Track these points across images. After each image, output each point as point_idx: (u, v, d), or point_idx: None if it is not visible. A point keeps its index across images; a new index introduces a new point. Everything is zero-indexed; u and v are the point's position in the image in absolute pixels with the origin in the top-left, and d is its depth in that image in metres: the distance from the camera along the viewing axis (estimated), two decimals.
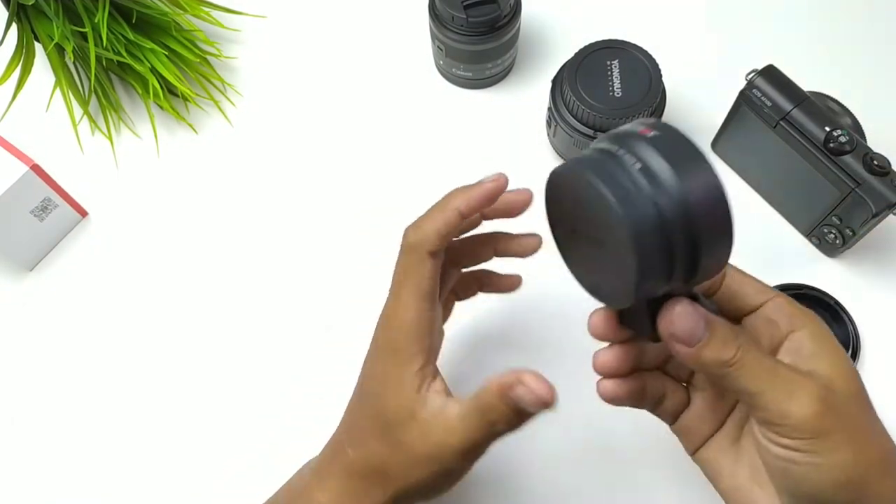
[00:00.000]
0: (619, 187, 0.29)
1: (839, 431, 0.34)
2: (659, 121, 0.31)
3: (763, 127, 0.54)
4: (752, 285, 0.39)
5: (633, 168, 0.29)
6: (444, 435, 0.38)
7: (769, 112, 0.53)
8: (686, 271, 0.31)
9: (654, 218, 0.29)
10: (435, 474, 0.39)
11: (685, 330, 0.33)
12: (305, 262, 0.59)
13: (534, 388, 0.36)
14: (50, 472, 0.53)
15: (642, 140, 0.30)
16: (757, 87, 0.53)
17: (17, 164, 0.53)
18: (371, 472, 0.40)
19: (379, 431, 0.40)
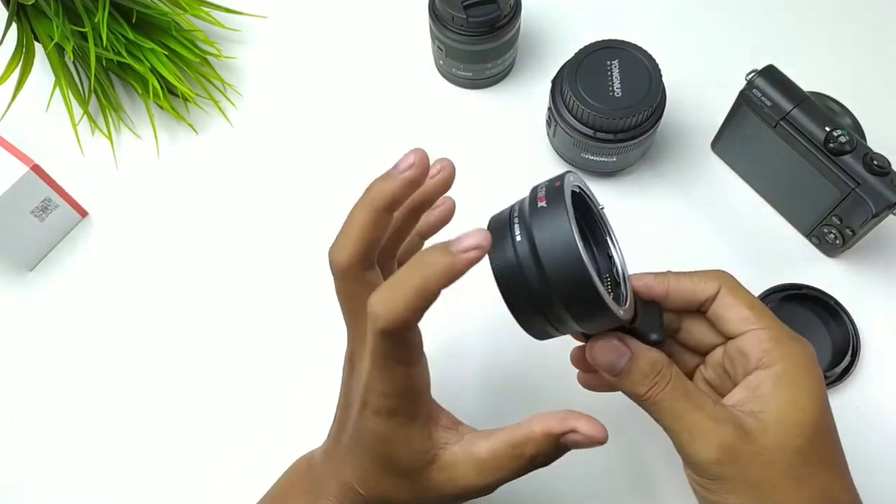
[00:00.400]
0: (502, 259, 0.36)
1: (741, 481, 0.36)
2: (555, 189, 0.37)
3: (763, 127, 0.53)
4: (738, 312, 0.39)
5: (515, 240, 0.36)
6: (475, 476, 0.37)
7: (769, 112, 0.53)
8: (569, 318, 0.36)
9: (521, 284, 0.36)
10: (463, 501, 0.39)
11: (603, 362, 0.38)
12: (305, 261, 0.59)
13: (588, 433, 0.36)
14: (50, 472, 0.53)
15: (534, 211, 0.36)
16: (757, 87, 0.53)
17: (17, 165, 0.53)
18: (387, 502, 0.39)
19: (395, 478, 0.38)
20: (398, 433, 0.37)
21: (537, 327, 0.37)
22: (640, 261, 0.58)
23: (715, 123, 0.59)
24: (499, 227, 0.37)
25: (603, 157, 0.57)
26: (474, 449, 0.37)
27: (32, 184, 0.54)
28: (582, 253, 0.34)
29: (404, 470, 0.38)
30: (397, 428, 0.37)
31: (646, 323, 0.39)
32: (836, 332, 0.54)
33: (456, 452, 0.37)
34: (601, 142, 0.55)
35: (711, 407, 0.37)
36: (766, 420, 0.36)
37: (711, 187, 0.60)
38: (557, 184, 0.37)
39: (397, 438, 0.37)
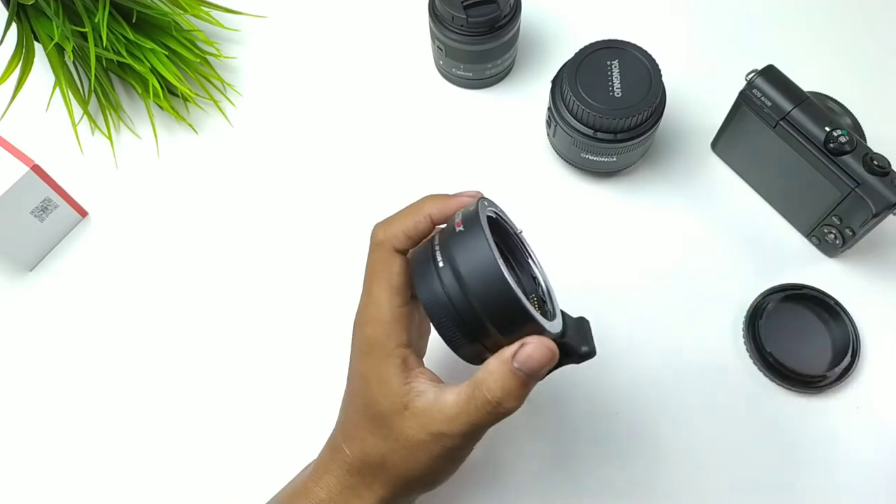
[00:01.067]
0: (427, 288, 0.38)
1: None
2: (471, 214, 0.38)
3: (763, 127, 0.54)
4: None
5: (438, 266, 0.38)
6: (444, 423, 0.38)
7: (769, 112, 0.53)
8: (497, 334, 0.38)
9: (444, 304, 0.37)
10: (436, 459, 0.39)
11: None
12: (305, 261, 0.59)
13: (536, 343, 0.37)
14: (50, 472, 0.53)
15: (452, 237, 0.38)
16: (757, 87, 0.53)
17: (17, 165, 0.53)
18: (369, 467, 0.40)
19: (373, 426, 0.40)
20: (375, 370, 0.39)
21: (469, 351, 0.39)
22: (640, 260, 0.58)
23: (715, 123, 0.59)
24: (421, 258, 0.39)
25: (603, 157, 0.57)
26: (444, 395, 0.38)
27: (32, 184, 0.54)
28: (502, 268, 0.36)
29: (381, 414, 0.39)
30: (375, 365, 0.39)
31: (575, 336, 0.41)
32: (836, 332, 0.54)
33: (428, 399, 0.39)
34: (601, 142, 0.55)
35: None
36: None
37: (711, 187, 0.60)
38: (472, 209, 0.39)
39: (374, 376, 0.40)
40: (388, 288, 0.40)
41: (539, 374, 0.37)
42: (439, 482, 0.41)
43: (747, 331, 0.54)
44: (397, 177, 0.61)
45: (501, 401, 0.37)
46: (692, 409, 0.53)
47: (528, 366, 0.37)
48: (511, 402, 0.37)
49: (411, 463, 0.39)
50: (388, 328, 0.40)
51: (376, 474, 0.40)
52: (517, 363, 0.37)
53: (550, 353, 0.37)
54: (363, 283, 0.42)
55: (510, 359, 0.37)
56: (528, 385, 0.37)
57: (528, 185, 0.61)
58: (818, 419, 0.53)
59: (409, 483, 0.40)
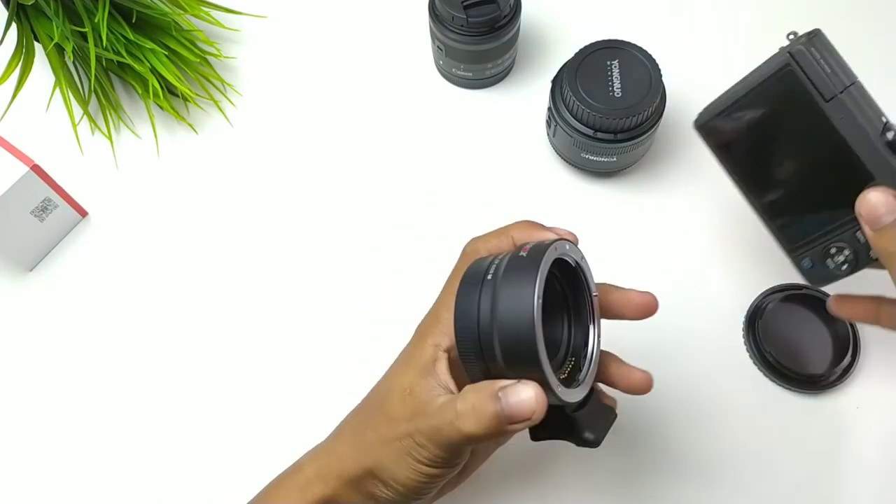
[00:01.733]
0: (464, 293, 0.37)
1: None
2: (540, 247, 0.37)
3: (808, 100, 0.42)
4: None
5: (485, 279, 0.37)
6: (423, 417, 0.38)
7: (828, 80, 0.42)
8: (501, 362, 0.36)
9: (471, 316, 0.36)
10: (391, 447, 0.39)
11: (870, 211, 0.39)
12: (305, 261, 0.59)
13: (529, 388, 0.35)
14: (51, 472, 0.53)
15: (511, 258, 0.37)
16: (815, 47, 0.42)
17: (17, 165, 0.53)
18: (354, 439, 0.42)
19: (377, 402, 0.41)
20: (408, 354, 0.41)
21: (474, 370, 0.37)
22: (640, 260, 0.58)
23: None
24: (476, 267, 0.38)
25: (603, 157, 0.57)
26: (440, 398, 0.38)
27: (32, 184, 0.54)
28: (535, 304, 0.34)
29: (390, 389, 0.40)
30: (411, 349, 0.41)
31: (589, 419, 0.39)
32: (836, 332, 0.54)
33: (430, 394, 0.39)
34: (601, 142, 0.55)
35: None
36: None
37: (711, 187, 0.60)
38: (546, 243, 0.37)
39: (403, 359, 0.41)
40: (452, 295, 0.40)
41: (513, 418, 0.35)
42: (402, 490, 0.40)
43: (747, 331, 0.54)
44: (397, 177, 0.61)
45: (465, 416, 0.36)
46: (692, 409, 0.53)
47: (508, 400, 0.35)
48: (471, 425, 0.36)
49: (385, 446, 0.39)
50: (436, 325, 0.40)
51: (355, 447, 0.41)
52: (502, 392, 0.35)
53: (535, 405, 0.35)
54: (443, 290, 0.43)
55: (499, 386, 0.36)
56: (500, 423, 0.35)
57: (528, 185, 0.61)
58: (818, 419, 0.53)
59: (374, 469, 0.40)
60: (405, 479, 0.39)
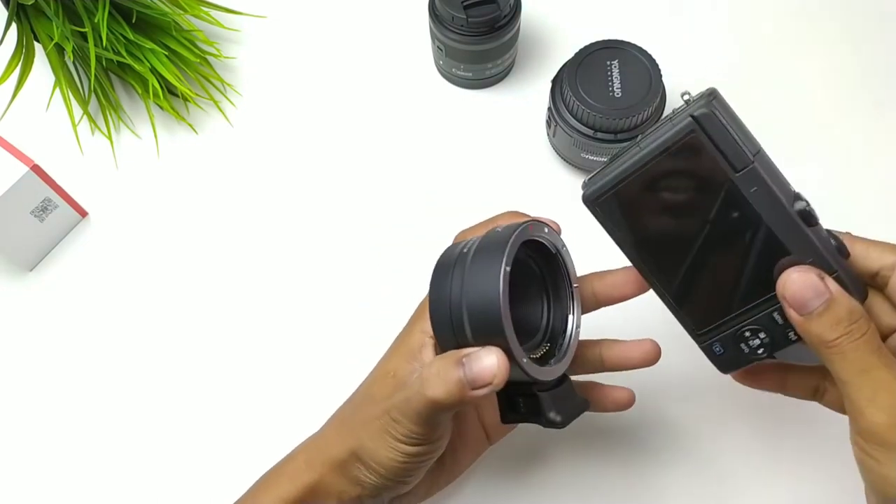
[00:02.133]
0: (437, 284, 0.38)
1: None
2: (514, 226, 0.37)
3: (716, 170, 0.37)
4: (876, 248, 0.37)
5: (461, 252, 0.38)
6: (399, 393, 0.39)
7: (739, 148, 0.36)
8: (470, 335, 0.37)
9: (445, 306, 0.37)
10: (371, 424, 0.39)
11: (794, 296, 0.35)
12: (305, 260, 0.59)
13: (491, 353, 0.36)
14: (50, 472, 0.53)
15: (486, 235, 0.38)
16: (718, 111, 0.36)
17: (17, 165, 0.53)
18: (342, 423, 0.43)
19: (366, 386, 0.43)
20: (399, 340, 0.43)
21: (446, 343, 0.38)
22: None
23: None
24: (453, 246, 0.40)
25: (603, 157, 0.57)
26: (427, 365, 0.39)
27: (32, 184, 0.54)
28: (501, 273, 0.35)
29: (373, 379, 0.42)
30: (402, 335, 0.43)
31: (557, 401, 0.38)
32: None
33: (409, 374, 0.40)
34: (601, 142, 0.55)
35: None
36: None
37: None
38: (521, 224, 0.38)
39: (395, 345, 0.43)
40: None
41: (475, 382, 0.36)
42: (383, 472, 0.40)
43: None
44: (397, 177, 0.61)
45: (429, 382, 0.37)
46: (692, 409, 0.53)
47: (471, 366, 0.36)
48: (434, 390, 0.36)
49: (366, 426, 0.40)
50: (425, 312, 0.41)
51: (341, 429, 0.42)
52: (465, 359, 0.36)
53: (496, 370, 0.35)
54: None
55: (463, 353, 0.36)
56: (463, 387, 0.36)
57: (528, 185, 0.61)
58: (818, 419, 0.53)
59: (357, 451, 0.40)
60: (384, 459, 0.40)
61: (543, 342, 0.41)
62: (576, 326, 0.42)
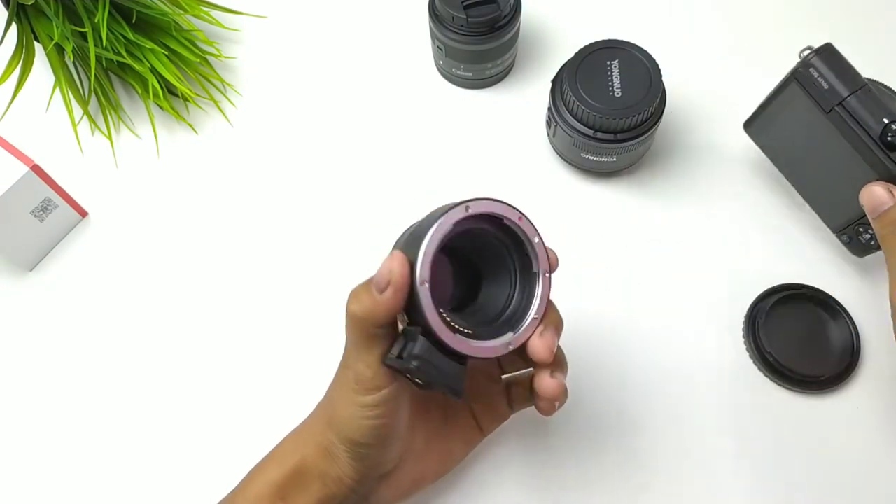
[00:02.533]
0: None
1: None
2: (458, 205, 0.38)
3: (814, 111, 0.50)
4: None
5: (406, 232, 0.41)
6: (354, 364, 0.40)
7: (826, 94, 0.48)
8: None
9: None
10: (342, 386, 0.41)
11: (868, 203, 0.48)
12: (305, 261, 0.59)
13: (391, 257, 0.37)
14: (50, 472, 0.53)
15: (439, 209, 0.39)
16: (814, 66, 0.48)
17: (17, 165, 0.53)
18: (327, 401, 0.44)
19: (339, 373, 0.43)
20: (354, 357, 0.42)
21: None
22: (640, 260, 0.58)
23: (714, 122, 0.60)
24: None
25: (603, 157, 0.57)
26: None
27: (32, 184, 0.54)
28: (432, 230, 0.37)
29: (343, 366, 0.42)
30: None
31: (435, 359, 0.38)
32: (836, 332, 0.54)
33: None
34: (601, 142, 0.55)
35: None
36: None
37: (712, 187, 0.60)
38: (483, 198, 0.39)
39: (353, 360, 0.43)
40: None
41: (378, 284, 0.37)
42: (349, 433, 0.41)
43: (747, 331, 0.54)
44: (397, 177, 0.61)
45: (348, 301, 0.39)
46: (692, 409, 0.53)
47: (376, 273, 0.38)
48: (352, 304, 0.39)
49: (332, 389, 0.43)
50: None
51: (326, 407, 0.44)
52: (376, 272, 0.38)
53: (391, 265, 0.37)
54: None
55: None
56: (369, 292, 0.38)
57: (528, 185, 0.61)
58: (818, 419, 0.53)
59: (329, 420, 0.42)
60: (346, 419, 0.41)
61: (502, 327, 0.41)
62: (532, 315, 0.40)
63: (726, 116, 0.59)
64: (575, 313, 0.47)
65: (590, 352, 0.55)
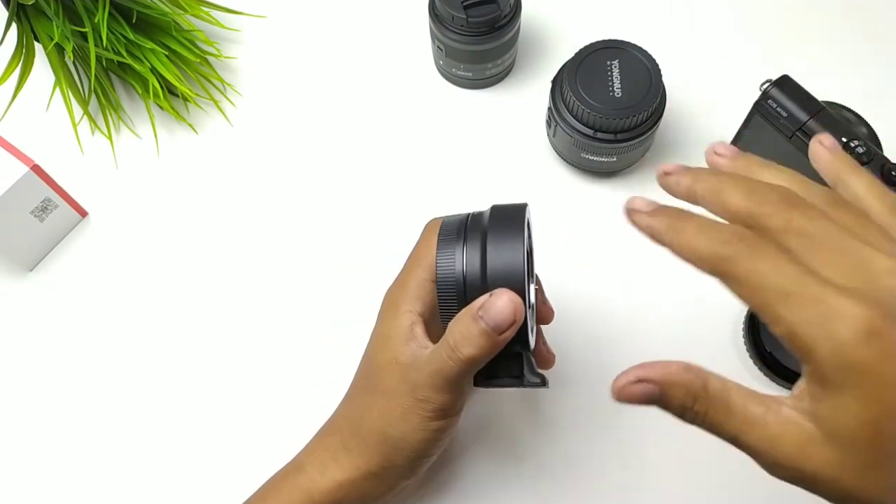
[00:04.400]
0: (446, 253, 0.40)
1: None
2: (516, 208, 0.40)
3: (778, 138, 0.53)
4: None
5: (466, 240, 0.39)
6: (417, 371, 0.39)
7: (785, 123, 0.52)
8: None
9: (457, 276, 0.39)
10: (408, 414, 0.40)
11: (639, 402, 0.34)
12: (306, 261, 0.59)
13: (502, 297, 0.37)
14: (51, 473, 0.53)
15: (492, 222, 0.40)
16: (772, 97, 0.52)
17: (17, 165, 0.53)
18: (349, 422, 0.42)
19: (365, 382, 0.42)
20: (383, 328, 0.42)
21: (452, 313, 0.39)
22: (640, 260, 0.58)
23: (714, 122, 0.59)
24: (451, 226, 0.41)
25: (603, 157, 0.57)
26: (425, 349, 0.40)
27: (32, 184, 0.54)
28: (524, 269, 0.38)
29: (375, 368, 0.41)
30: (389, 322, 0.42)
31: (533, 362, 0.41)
32: None
33: (415, 352, 0.40)
34: (601, 142, 0.55)
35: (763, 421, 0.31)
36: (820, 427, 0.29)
37: None
38: (520, 205, 0.40)
39: (379, 334, 0.42)
40: (419, 264, 0.43)
41: (499, 327, 0.37)
42: (413, 454, 0.41)
43: (747, 331, 0.54)
44: (397, 177, 0.61)
45: (459, 345, 0.38)
46: None
47: (489, 314, 0.37)
48: (468, 349, 0.37)
49: (385, 417, 0.40)
50: (406, 292, 0.42)
51: (354, 432, 0.42)
52: (481, 311, 0.37)
53: (513, 307, 0.37)
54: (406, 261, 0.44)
55: (476, 307, 0.38)
56: (490, 337, 0.37)
57: (528, 185, 0.61)
58: None
59: (381, 444, 0.41)
60: (415, 442, 0.40)
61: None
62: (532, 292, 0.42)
63: (726, 116, 0.59)
64: (574, 313, 0.47)
65: (589, 352, 0.55)
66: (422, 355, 0.40)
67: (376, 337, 0.43)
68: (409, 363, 0.40)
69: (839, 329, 0.27)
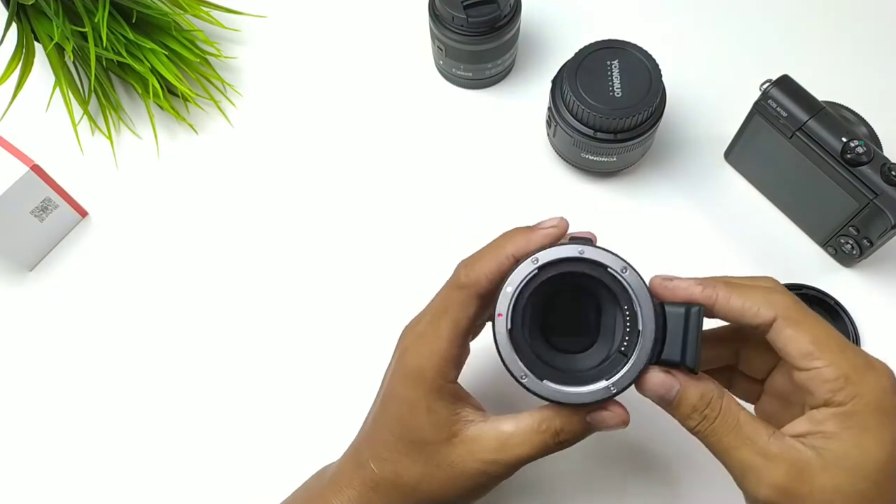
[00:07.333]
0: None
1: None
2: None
3: (778, 138, 0.53)
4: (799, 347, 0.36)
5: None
6: (496, 451, 0.39)
7: (785, 123, 0.52)
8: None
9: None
10: (477, 487, 0.40)
11: (654, 396, 0.37)
12: (305, 261, 0.59)
13: (615, 411, 0.38)
14: (51, 473, 0.53)
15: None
16: (772, 97, 0.52)
17: (17, 165, 0.53)
18: (398, 488, 0.40)
19: (411, 451, 0.40)
20: (421, 399, 0.39)
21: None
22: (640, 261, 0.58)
23: (714, 122, 0.59)
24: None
25: (603, 157, 0.57)
26: (500, 425, 0.39)
27: (32, 184, 0.54)
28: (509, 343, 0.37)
29: (423, 441, 0.39)
30: (422, 394, 0.39)
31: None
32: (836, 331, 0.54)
33: (481, 428, 0.39)
34: (601, 142, 0.55)
35: (765, 441, 0.35)
36: (827, 459, 0.35)
37: (712, 187, 0.60)
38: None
39: (419, 404, 0.39)
40: (456, 328, 0.40)
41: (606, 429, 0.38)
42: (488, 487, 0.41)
43: None
44: (397, 177, 0.61)
45: (563, 438, 0.39)
46: None
47: (597, 421, 0.38)
48: (569, 439, 0.39)
49: (448, 489, 0.40)
50: (444, 364, 0.40)
51: (405, 496, 0.40)
52: (590, 418, 0.38)
53: (620, 421, 0.38)
54: (430, 308, 0.42)
55: (585, 412, 0.38)
56: (591, 432, 0.39)
57: (528, 185, 0.61)
58: None
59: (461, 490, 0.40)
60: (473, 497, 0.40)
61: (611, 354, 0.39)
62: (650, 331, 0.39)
63: (726, 116, 0.59)
64: None
65: None
66: (492, 430, 0.39)
67: (417, 407, 0.40)
68: (476, 438, 0.39)
69: (882, 381, 0.35)
